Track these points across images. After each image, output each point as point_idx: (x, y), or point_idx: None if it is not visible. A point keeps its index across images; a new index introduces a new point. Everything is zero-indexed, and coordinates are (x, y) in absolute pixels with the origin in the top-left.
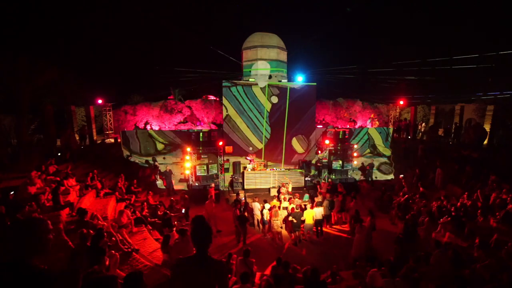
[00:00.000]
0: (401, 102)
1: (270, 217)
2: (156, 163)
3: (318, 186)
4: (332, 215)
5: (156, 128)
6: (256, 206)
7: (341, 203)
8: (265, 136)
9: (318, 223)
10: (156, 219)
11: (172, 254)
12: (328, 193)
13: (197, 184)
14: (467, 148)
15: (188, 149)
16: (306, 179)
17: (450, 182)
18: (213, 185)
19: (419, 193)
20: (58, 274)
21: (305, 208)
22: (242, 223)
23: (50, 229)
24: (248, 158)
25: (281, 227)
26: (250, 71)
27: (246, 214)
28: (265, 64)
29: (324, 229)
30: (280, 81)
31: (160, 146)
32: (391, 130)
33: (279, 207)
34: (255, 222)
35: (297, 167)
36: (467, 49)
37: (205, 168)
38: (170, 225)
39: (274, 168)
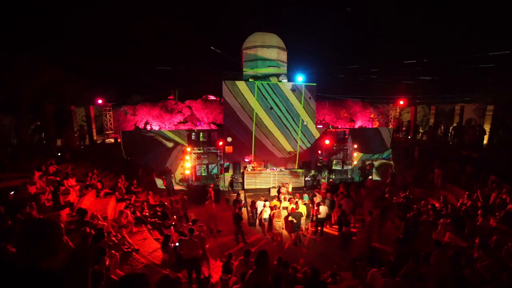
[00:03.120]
0: (401, 102)
1: (273, 217)
2: None
3: (319, 187)
4: (332, 215)
5: (156, 128)
6: (261, 204)
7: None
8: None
9: (319, 222)
10: (156, 219)
11: (184, 250)
12: (328, 193)
13: (197, 184)
14: (467, 148)
15: (188, 149)
16: (306, 179)
17: (450, 182)
18: (212, 185)
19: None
20: (67, 273)
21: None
22: (237, 222)
23: (63, 232)
24: (246, 159)
25: (283, 228)
26: (250, 71)
27: (242, 213)
28: (265, 64)
29: (324, 229)
30: (280, 81)
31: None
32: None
33: (278, 207)
34: (257, 222)
35: (296, 167)
36: (467, 49)
37: (205, 168)
38: (167, 217)
39: (274, 168)
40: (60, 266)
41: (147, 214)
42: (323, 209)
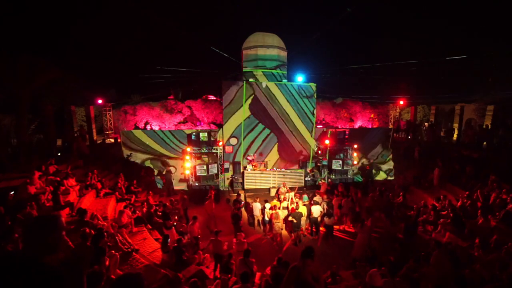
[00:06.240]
0: (401, 102)
1: (272, 219)
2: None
3: (321, 184)
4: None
5: (156, 128)
6: (257, 206)
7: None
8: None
9: (313, 221)
10: (155, 218)
11: (212, 250)
12: (325, 195)
13: (197, 184)
14: (467, 148)
15: (188, 149)
16: (306, 179)
17: (450, 182)
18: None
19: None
20: (64, 272)
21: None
22: (236, 221)
23: (64, 226)
24: (248, 158)
25: (282, 229)
26: (250, 71)
27: (241, 213)
28: (265, 64)
29: (323, 229)
30: (280, 80)
31: None
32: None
33: (279, 207)
34: (255, 222)
35: (297, 167)
36: (467, 49)
37: (205, 168)
38: (169, 218)
39: (274, 168)
40: (59, 264)
41: (153, 211)
42: (316, 209)
